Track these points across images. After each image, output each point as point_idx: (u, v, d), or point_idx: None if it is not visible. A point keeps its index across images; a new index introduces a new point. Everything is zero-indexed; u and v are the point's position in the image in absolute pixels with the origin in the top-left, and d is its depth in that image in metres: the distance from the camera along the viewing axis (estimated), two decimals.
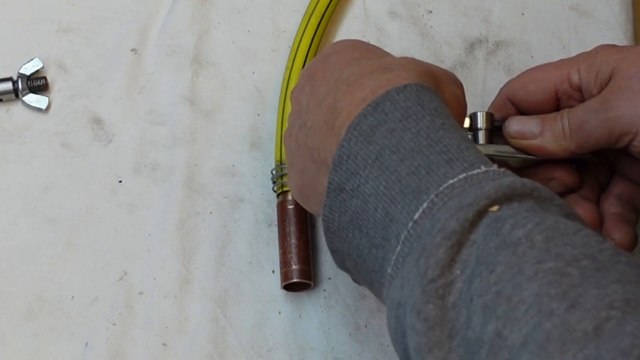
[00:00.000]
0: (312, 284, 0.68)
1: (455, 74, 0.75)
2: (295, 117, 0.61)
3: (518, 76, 0.68)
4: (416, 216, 0.50)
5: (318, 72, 0.60)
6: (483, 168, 0.51)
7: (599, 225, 0.66)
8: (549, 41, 0.77)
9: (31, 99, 0.73)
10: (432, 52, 0.76)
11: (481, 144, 0.67)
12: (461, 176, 0.50)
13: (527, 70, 0.68)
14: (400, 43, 0.77)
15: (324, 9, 0.75)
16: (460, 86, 0.61)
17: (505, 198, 0.48)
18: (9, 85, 0.73)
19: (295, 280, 0.67)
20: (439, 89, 0.57)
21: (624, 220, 0.66)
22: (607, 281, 0.43)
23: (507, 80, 0.71)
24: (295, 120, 0.61)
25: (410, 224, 0.50)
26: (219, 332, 0.68)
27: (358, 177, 0.53)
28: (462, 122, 0.61)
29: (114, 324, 0.68)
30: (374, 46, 0.62)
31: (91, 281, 0.69)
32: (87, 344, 0.67)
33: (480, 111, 0.67)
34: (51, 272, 0.69)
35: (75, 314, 0.68)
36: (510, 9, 0.78)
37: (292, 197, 0.69)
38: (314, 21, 0.75)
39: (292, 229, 0.68)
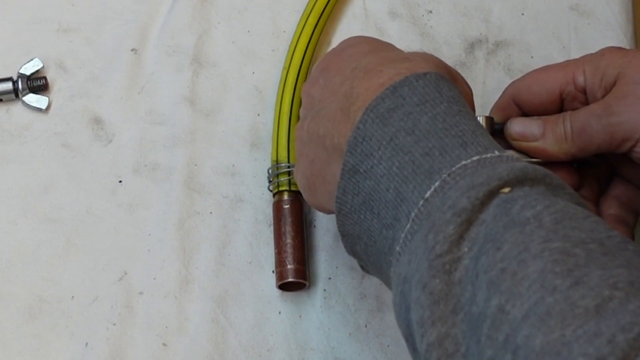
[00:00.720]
0: (307, 283, 0.68)
1: None
2: (307, 110, 0.61)
3: (523, 77, 0.68)
4: (427, 194, 0.50)
5: (332, 64, 0.60)
6: (497, 153, 0.51)
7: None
8: (549, 41, 0.77)
9: (31, 99, 0.73)
10: (432, 52, 0.76)
11: None
12: (474, 158, 0.50)
13: (532, 71, 0.68)
14: (400, 43, 0.76)
15: (322, 9, 0.75)
16: (470, 89, 0.61)
17: (517, 181, 0.48)
18: (9, 85, 0.73)
19: (290, 279, 0.67)
20: (455, 83, 0.57)
21: (622, 221, 0.66)
22: (613, 264, 0.43)
23: (507, 80, 0.71)
24: (307, 112, 0.61)
25: (421, 202, 0.50)
26: (219, 332, 0.68)
27: (372, 159, 0.53)
28: None
29: (114, 324, 0.68)
30: (388, 42, 0.62)
31: (91, 281, 0.69)
32: (87, 344, 0.67)
33: (480, 115, 0.67)
34: (51, 272, 0.69)
35: (75, 314, 0.68)
36: (510, 9, 0.78)
37: (292, 194, 0.69)
38: (311, 21, 0.75)
39: (287, 228, 0.68)
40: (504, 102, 0.68)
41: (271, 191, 0.70)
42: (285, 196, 0.69)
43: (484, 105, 0.73)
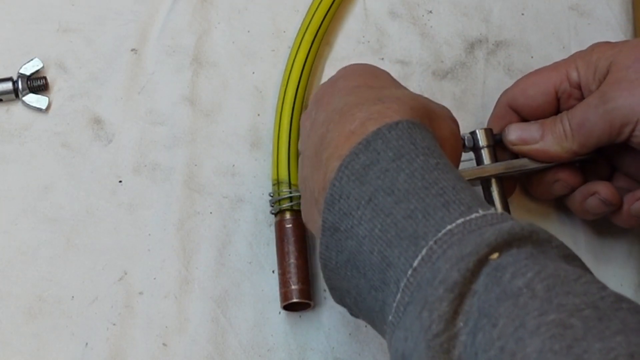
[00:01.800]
0: (312, 303, 0.67)
1: (455, 74, 0.76)
2: (301, 144, 0.62)
3: (515, 83, 0.68)
4: (415, 263, 0.49)
5: (324, 97, 0.60)
6: (480, 212, 0.50)
7: (619, 200, 0.66)
8: (549, 41, 0.77)
9: (31, 99, 0.73)
10: (432, 52, 0.76)
11: (487, 165, 0.66)
12: (459, 221, 0.49)
13: (524, 76, 0.68)
14: (400, 43, 0.77)
15: (326, 10, 0.75)
16: (455, 122, 0.60)
17: (505, 244, 0.47)
18: (9, 85, 0.73)
19: (295, 300, 0.67)
20: (433, 124, 0.56)
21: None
22: (611, 332, 0.42)
23: (507, 80, 0.71)
24: (301, 146, 0.61)
25: (409, 272, 0.49)
26: (219, 332, 0.68)
27: (351, 218, 0.52)
28: (459, 157, 0.60)
29: (114, 324, 0.68)
30: (382, 71, 0.61)
31: (91, 281, 0.69)
32: (87, 344, 0.67)
33: (478, 129, 0.67)
34: (51, 272, 0.69)
35: (75, 314, 0.68)
36: (510, 9, 0.78)
37: (293, 213, 0.69)
38: (315, 21, 0.74)
39: (290, 248, 0.68)
40: (500, 111, 0.68)
41: (273, 213, 0.70)
42: (287, 215, 0.68)
43: (484, 105, 0.73)
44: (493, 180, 0.66)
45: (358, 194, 0.52)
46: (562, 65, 0.66)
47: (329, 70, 0.75)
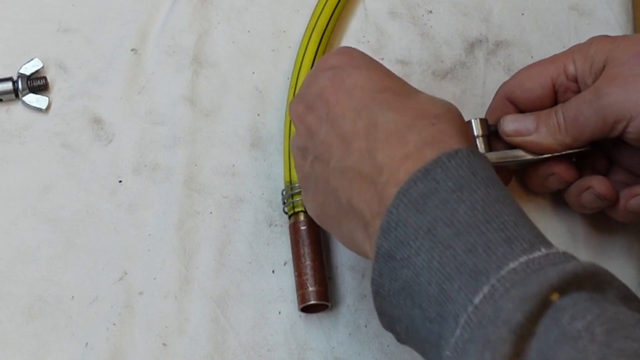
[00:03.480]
0: (329, 305, 0.67)
1: (455, 74, 0.76)
2: (306, 141, 0.60)
3: (513, 75, 0.68)
4: (477, 301, 0.48)
5: (329, 94, 0.58)
6: (543, 250, 0.49)
7: (615, 195, 0.66)
8: (549, 41, 0.77)
9: (31, 99, 0.73)
10: (432, 52, 0.76)
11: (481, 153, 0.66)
12: (522, 259, 0.49)
13: (522, 68, 0.68)
14: (400, 43, 0.77)
15: (331, 10, 0.75)
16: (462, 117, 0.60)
17: (566, 285, 0.47)
18: (9, 85, 0.73)
19: (312, 302, 0.66)
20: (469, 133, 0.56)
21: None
22: None
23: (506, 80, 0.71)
24: (307, 144, 0.59)
25: (470, 308, 0.48)
26: (219, 332, 0.68)
27: (409, 248, 0.51)
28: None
29: (114, 324, 0.68)
30: (382, 66, 0.60)
31: (91, 281, 0.69)
32: (87, 344, 0.67)
33: (473, 118, 0.67)
34: (51, 272, 0.69)
35: (75, 314, 0.68)
36: (510, 9, 0.78)
37: (307, 215, 0.68)
38: (321, 22, 0.74)
39: (306, 250, 0.67)
40: (498, 103, 0.68)
41: (286, 213, 0.70)
42: (302, 217, 0.68)
43: (484, 105, 0.73)
44: None
45: (416, 223, 0.51)
46: (559, 58, 0.66)
47: None
